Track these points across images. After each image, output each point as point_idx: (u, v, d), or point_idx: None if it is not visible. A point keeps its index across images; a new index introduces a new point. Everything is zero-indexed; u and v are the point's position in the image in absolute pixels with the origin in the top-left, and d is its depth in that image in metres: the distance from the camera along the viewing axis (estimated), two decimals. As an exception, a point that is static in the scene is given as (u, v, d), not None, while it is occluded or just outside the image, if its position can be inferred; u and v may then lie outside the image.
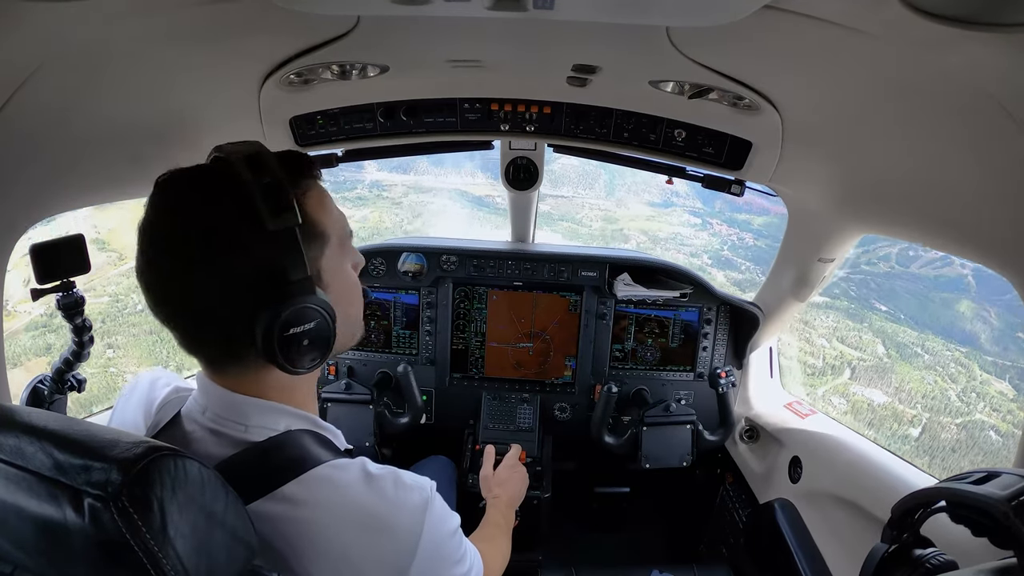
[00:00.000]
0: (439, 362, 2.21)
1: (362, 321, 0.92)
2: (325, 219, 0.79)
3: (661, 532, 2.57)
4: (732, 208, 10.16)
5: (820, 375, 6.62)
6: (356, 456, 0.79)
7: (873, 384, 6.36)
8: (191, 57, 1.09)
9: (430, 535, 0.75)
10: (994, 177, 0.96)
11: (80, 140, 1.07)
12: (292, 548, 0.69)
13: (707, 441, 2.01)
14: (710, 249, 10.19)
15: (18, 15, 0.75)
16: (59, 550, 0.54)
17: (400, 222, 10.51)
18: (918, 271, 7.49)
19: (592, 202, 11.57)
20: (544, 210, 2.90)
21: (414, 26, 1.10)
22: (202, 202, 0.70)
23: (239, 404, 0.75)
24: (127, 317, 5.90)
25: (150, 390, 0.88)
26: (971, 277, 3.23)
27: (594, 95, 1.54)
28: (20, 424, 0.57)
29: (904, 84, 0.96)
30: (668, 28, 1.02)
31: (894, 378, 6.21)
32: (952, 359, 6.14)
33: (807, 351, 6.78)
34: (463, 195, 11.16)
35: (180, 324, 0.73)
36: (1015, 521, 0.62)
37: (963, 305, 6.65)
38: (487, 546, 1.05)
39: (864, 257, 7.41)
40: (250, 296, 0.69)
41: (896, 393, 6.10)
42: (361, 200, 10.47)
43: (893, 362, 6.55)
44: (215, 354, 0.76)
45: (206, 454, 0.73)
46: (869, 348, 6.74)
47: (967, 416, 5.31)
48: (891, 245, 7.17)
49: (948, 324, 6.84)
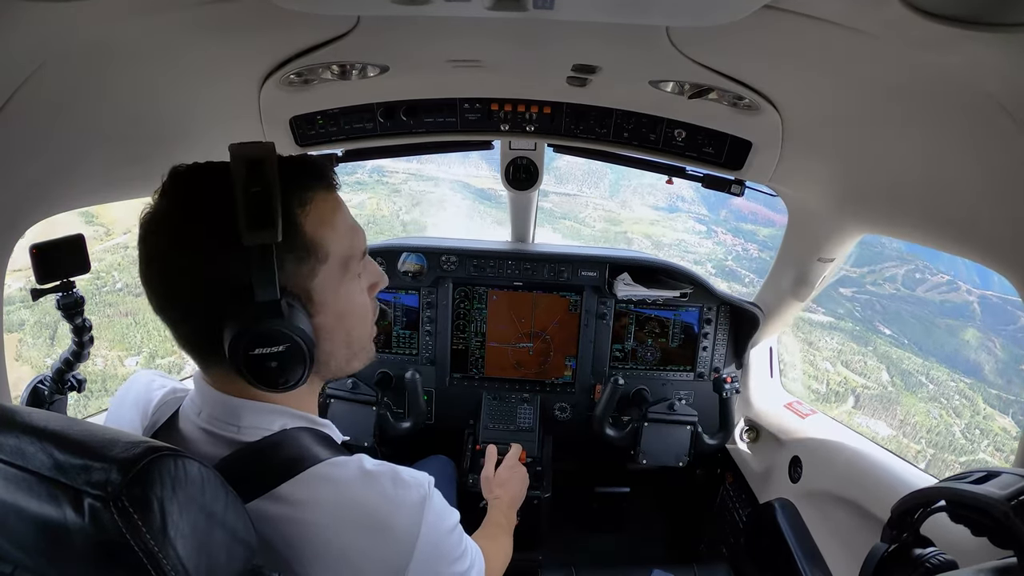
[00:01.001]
0: (439, 362, 2.21)
1: (370, 343, 0.87)
2: (326, 236, 0.75)
3: (661, 532, 2.57)
4: (737, 217, 10.10)
5: (824, 401, 6.49)
6: (353, 451, 0.79)
7: (877, 415, 6.24)
8: (191, 57, 1.09)
9: (429, 532, 0.74)
10: (994, 176, 0.96)
11: (80, 140, 1.06)
12: (291, 548, 0.69)
13: (706, 444, 2.01)
14: (714, 258, 10.09)
15: (18, 15, 0.75)
16: (59, 550, 0.54)
17: (397, 210, 10.37)
18: (924, 295, 7.41)
19: (596, 202, 11.41)
20: (546, 207, 2.88)
21: (414, 26, 1.10)
22: (194, 201, 0.70)
23: (233, 406, 0.75)
24: (104, 296, 5.81)
25: (146, 391, 0.87)
26: (977, 304, 3.25)
27: (594, 95, 1.54)
28: (20, 424, 0.57)
29: (904, 84, 0.96)
30: (668, 28, 1.02)
31: (899, 410, 6.10)
32: (956, 390, 6.05)
33: (811, 374, 6.65)
34: (465, 187, 11.03)
35: (167, 318, 0.73)
36: (1015, 521, 0.62)
37: (968, 333, 6.56)
38: (489, 544, 1.05)
39: (870, 277, 7.32)
40: (219, 308, 0.68)
41: (901, 426, 5.99)
42: (360, 185, 10.26)
43: (898, 391, 6.45)
44: (203, 355, 0.75)
45: (201, 455, 0.72)
46: (873, 375, 6.61)
47: (971, 455, 5.25)
48: (898, 266, 7.10)
49: (952, 352, 6.75)
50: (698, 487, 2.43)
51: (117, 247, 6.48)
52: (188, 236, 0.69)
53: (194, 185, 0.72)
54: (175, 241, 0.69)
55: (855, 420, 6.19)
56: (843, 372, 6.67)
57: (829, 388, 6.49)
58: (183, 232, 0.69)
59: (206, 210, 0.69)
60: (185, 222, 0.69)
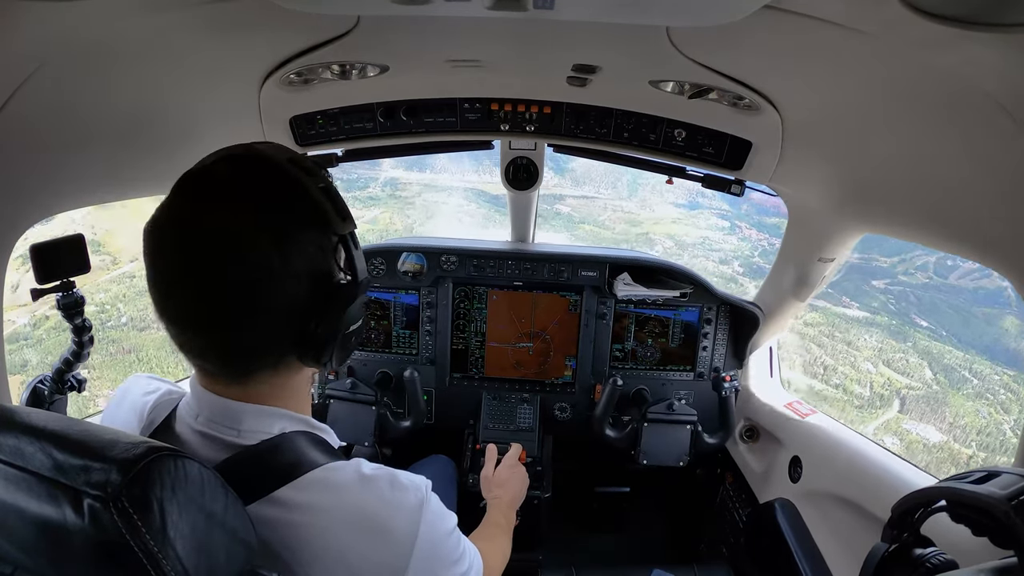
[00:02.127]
0: (439, 362, 2.21)
1: None
2: None
3: (661, 532, 2.57)
4: (759, 211, 9.92)
5: (869, 407, 6.24)
6: (351, 453, 0.80)
7: (926, 418, 6.03)
8: (192, 57, 1.09)
9: (427, 535, 0.75)
10: (993, 176, 0.96)
11: (81, 140, 1.07)
12: (290, 550, 0.69)
13: (706, 443, 2.01)
14: (740, 255, 9.86)
15: (19, 15, 0.75)
16: (59, 550, 0.54)
17: (411, 224, 10.24)
18: (957, 282, 7.15)
19: (615, 203, 11.11)
20: (564, 212, 2.79)
21: (414, 26, 1.10)
22: (266, 200, 0.69)
23: (234, 410, 0.75)
24: (108, 332, 5.65)
25: (142, 394, 0.87)
26: (1011, 290, 3.11)
27: (594, 95, 1.54)
28: (20, 424, 0.57)
29: (904, 84, 0.96)
30: (668, 28, 1.02)
31: (948, 412, 5.89)
32: (1001, 383, 5.86)
33: (852, 378, 6.40)
34: (480, 194, 10.87)
35: (219, 332, 0.70)
36: (1015, 520, 0.62)
37: (1007, 322, 6.29)
38: (487, 545, 1.05)
39: (901, 267, 7.09)
40: (300, 299, 0.71)
41: (951, 429, 5.78)
42: (373, 200, 10.09)
43: (943, 390, 6.22)
44: (226, 366, 0.74)
45: (198, 458, 0.72)
46: (916, 373, 6.35)
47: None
48: (929, 254, 6.86)
49: (992, 342, 6.50)
50: (698, 487, 2.43)
51: (123, 276, 6.31)
52: (272, 241, 0.67)
53: (257, 185, 0.70)
54: (251, 242, 0.67)
55: (903, 426, 5.99)
56: (885, 372, 6.46)
57: (873, 391, 6.28)
58: (266, 238, 0.67)
59: (284, 214, 0.69)
60: (265, 231, 0.67)
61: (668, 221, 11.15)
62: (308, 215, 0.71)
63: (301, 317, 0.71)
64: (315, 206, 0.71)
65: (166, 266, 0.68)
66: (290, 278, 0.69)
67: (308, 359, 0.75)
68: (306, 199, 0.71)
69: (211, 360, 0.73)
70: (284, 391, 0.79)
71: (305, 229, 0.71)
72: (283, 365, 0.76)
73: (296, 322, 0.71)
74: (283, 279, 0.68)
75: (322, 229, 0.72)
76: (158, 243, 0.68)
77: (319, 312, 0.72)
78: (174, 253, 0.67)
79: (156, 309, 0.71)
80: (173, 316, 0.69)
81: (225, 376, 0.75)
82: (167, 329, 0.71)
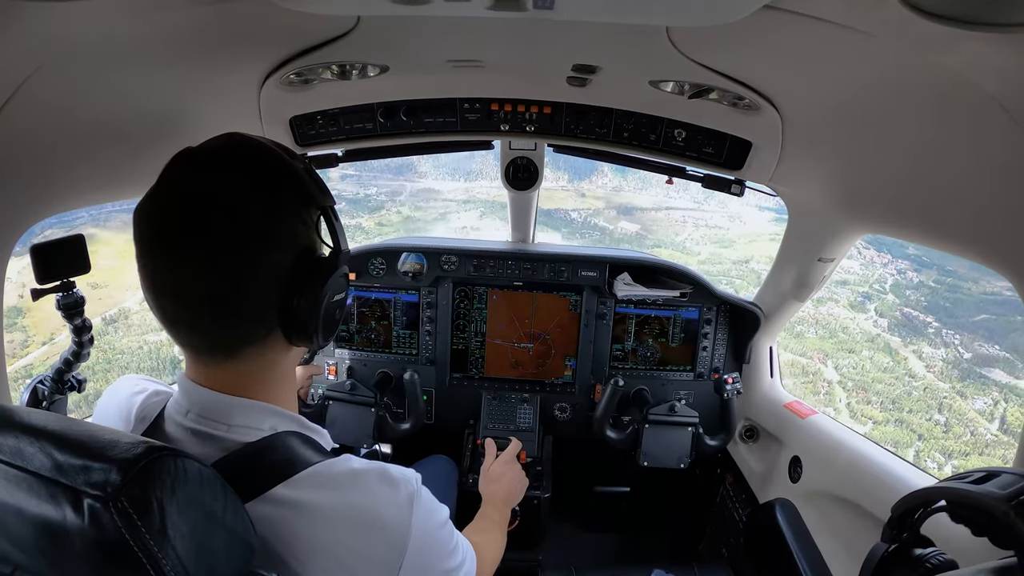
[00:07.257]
0: (439, 362, 2.21)
1: None
2: None
3: (661, 532, 2.57)
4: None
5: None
6: (343, 452, 0.80)
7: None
8: (191, 57, 1.09)
9: (419, 527, 0.76)
10: (994, 176, 0.96)
11: (80, 140, 1.06)
12: (286, 548, 0.69)
13: (707, 445, 2.00)
14: (874, 291, 6.20)
15: (18, 15, 0.75)
16: (59, 551, 0.54)
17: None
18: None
19: (695, 216, 8.09)
20: (632, 231, 2.35)
21: (414, 26, 1.10)
22: (260, 179, 0.72)
23: (222, 404, 0.75)
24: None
25: (128, 396, 0.87)
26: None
27: (594, 95, 1.54)
28: (20, 424, 0.57)
29: (904, 84, 0.96)
30: (668, 28, 1.02)
31: None
32: None
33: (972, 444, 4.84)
34: (505, 207, 10.08)
35: (217, 307, 0.70)
36: (1015, 520, 0.62)
37: None
38: (481, 538, 1.06)
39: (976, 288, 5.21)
40: (285, 272, 0.73)
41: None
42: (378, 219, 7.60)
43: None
44: (215, 339, 0.74)
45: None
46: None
47: None
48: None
49: None
50: (698, 487, 2.43)
51: (107, 320, 6.15)
52: (263, 209, 0.71)
53: (247, 159, 0.74)
54: (244, 207, 0.70)
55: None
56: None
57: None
58: (257, 206, 0.70)
59: (273, 185, 0.73)
60: (256, 200, 0.71)
61: (766, 237, 8.39)
62: (293, 187, 0.75)
63: (286, 288, 0.73)
64: (299, 180, 0.75)
65: (155, 232, 0.69)
66: (277, 246, 0.72)
67: (294, 334, 0.76)
68: (293, 175, 0.75)
69: (199, 332, 0.73)
70: (271, 374, 0.79)
71: (291, 200, 0.74)
72: (270, 342, 0.76)
73: (281, 293, 0.73)
74: (271, 247, 0.71)
75: (306, 202, 0.76)
76: (147, 211, 0.69)
77: (302, 283, 0.74)
78: (164, 217, 0.68)
79: (146, 285, 0.71)
80: (164, 288, 0.69)
81: (211, 351, 0.75)
82: (156, 306, 0.71)
